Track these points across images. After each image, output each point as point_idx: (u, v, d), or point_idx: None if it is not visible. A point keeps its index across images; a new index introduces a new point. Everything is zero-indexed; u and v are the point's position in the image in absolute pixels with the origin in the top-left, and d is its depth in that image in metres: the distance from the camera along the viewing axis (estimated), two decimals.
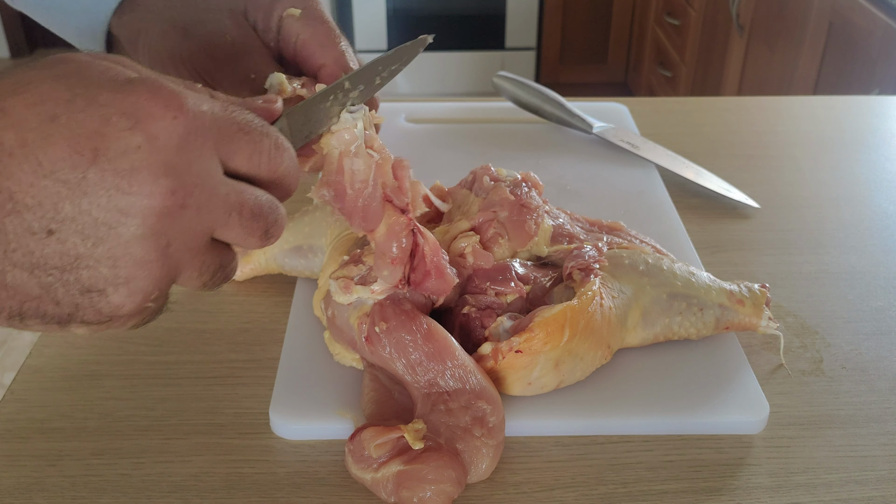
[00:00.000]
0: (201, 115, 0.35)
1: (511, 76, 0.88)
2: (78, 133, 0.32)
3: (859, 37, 1.50)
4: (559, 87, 1.12)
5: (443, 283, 0.51)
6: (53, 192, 0.32)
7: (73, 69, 0.33)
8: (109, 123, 0.32)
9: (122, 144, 0.32)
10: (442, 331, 0.50)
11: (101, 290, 0.34)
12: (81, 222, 0.32)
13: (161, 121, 0.33)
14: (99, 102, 0.32)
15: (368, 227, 0.48)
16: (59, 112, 0.32)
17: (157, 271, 0.35)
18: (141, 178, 0.33)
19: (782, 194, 0.78)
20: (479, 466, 0.47)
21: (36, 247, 0.32)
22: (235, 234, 0.38)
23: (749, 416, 0.52)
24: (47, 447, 0.50)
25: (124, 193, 0.33)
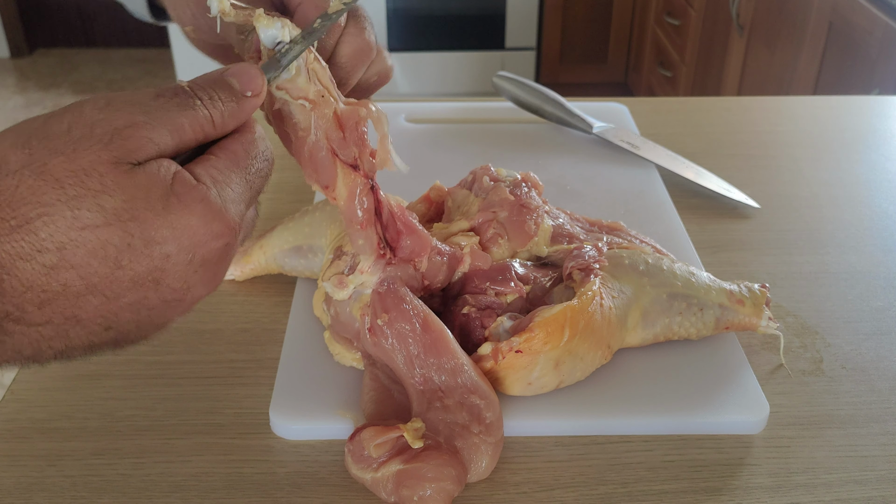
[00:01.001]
0: (238, 219, 0.38)
1: (511, 76, 0.88)
2: (142, 272, 0.35)
3: (859, 37, 1.50)
4: (559, 87, 1.12)
5: (418, 240, 0.51)
6: (116, 311, 0.36)
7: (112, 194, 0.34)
8: (169, 260, 0.36)
9: (180, 273, 0.36)
10: (438, 322, 0.50)
11: (142, 340, 0.39)
12: (137, 321, 0.37)
13: (214, 249, 0.37)
14: (155, 241, 0.35)
15: (322, 182, 0.47)
16: (121, 258, 0.34)
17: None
18: (193, 290, 0.38)
19: (782, 194, 0.78)
20: (478, 464, 0.47)
21: (94, 339, 0.37)
22: None
23: (749, 416, 0.52)
24: (47, 447, 0.50)
25: (178, 301, 0.38)
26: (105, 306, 0.35)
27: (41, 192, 0.33)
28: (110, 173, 0.34)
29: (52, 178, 0.33)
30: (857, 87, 1.51)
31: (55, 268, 0.33)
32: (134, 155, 0.35)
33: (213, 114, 0.38)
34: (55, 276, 0.33)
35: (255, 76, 0.40)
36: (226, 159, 0.38)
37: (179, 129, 0.37)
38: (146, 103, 0.36)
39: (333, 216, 0.60)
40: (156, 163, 0.35)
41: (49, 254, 0.33)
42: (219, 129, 0.38)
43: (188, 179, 0.36)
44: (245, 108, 0.39)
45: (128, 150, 0.35)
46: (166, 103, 0.37)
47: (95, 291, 0.34)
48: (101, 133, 0.35)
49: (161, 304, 0.37)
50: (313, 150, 0.46)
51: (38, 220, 0.33)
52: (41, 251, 0.33)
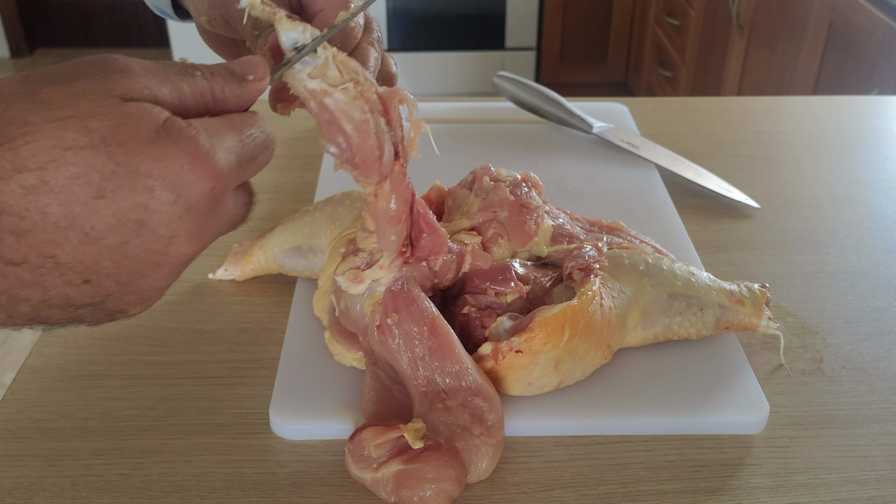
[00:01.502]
0: (228, 170, 0.37)
1: (511, 76, 0.88)
2: (124, 207, 0.34)
3: (859, 37, 1.50)
4: (559, 87, 1.12)
5: (437, 239, 0.51)
6: (96, 255, 0.34)
7: (102, 118, 0.33)
8: (154, 197, 0.34)
9: (164, 216, 0.35)
10: (445, 325, 0.50)
11: (122, 310, 0.37)
12: (118, 274, 0.35)
13: (200, 192, 0.36)
14: (142, 174, 0.34)
15: (375, 174, 0.46)
16: (105, 186, 0.33)
17: (171, 283, 0.39)
18: (178, 240, 0.36)
19: (782, 194, 0.78)
20: (479, 465, 0.47)
21: (72, 292, 0.35)
22: None
23: (749, 416, 0.52)
24: (48, 447, 0.50)
25: (160, 253, 0.36)
26: (84, 247, 0.34)
27: (28, 113, 0.32)
28: (102, 100, 0.33)
29: (41, 101, 0.33)
30: (857, 87, 1.51)
31: (34, 190, 0.32)
32: (128, 92, 0.34)
33: (214, 86, 0.38)
34: (34, 201, 0.32)
35: (258, 63, 0.40)
36: (222, 121, 0.38)
37: (178, 89, 0.37)
38: (147, 64, 0.37)
39: (333, 216, 0.60)
40: (149, 104, 0.35)
41: (29, 174, 0.32)
42: (218, 104, 0.38)
43: (179, 121, 0.35)
44: (247, 90, 0.39)
45: (123, 86, 0.34)
46: (166, 67, 0.37)
47: (75, 224, 0.33)
48: (98, 70, 0.35)
49: (143, 255, 0.35)
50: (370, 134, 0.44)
51: (21, 139, 0.32)
52: (20, 171, 0.32)
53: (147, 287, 0.37)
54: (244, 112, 0.40)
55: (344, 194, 0.62)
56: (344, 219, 0.60)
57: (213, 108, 0.38)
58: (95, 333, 0.59)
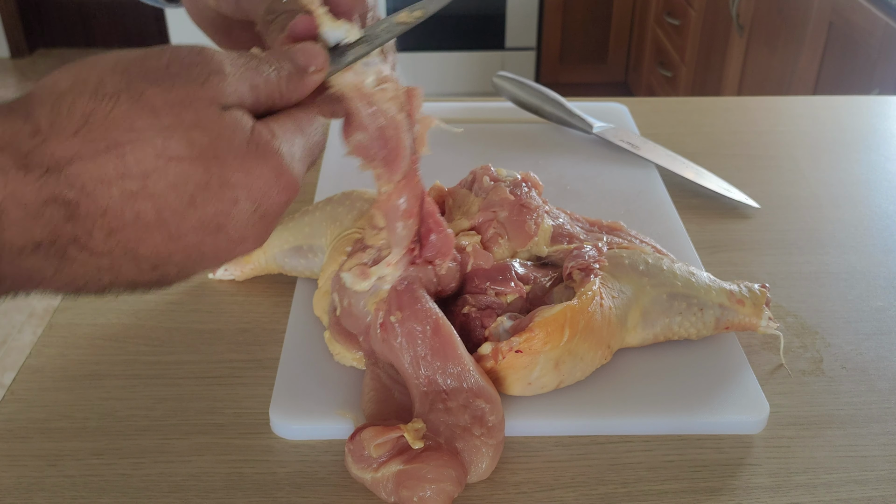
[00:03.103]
0: (301, 180, 0.39)
1: (511, 76, 0.88)
2: (210, 213, 0.36)
3: (859, 37, 1.50)
4: (559, 87, 1.12)
5: (444, 240, 0.52)
6: (172, 250, 0.36)
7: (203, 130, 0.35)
8: (237, 206, 0.36)
9: (242, 222, 0.37)
10: (448, 326, 0.50)
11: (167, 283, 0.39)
12: (184, 264, 0.37)
13: (277, 202, 0.38)
14: (230, 184, 0.36)
15: (407, 169, 0.48)
16: (197, 196, 0.35)
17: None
18: (246, 243, 0.38)
19: (782, 194, 0.78)
20: (479, 466, 0.47)
21: (139, 277, 0.37)
22: None
23: (749, 416, 0.52)
24: (47, 447, 0.50)
25: (227, 252, 0.38)
26: (165, 245, 0.35)
27: (135, 117, 0.33)
28: (204, 110, 0.35)
29: (147, 106, 0.34)
30: (857, 87, 1.51)
31: (135, 195, 0.33)
32: (223, 99, 0.36)
33: (281, 83, 0.39)
34: (132, 204, 0.33)
35: (319, 53, 0.41)
36: (292, 122, 0.39)
37: (256, 88, 0.38)
38: (232, 57, 0.37)
39: (333, 216, 0.60)
40: (238, 111, 0.36)
41: (132, 180, 0.33)
42: (284, 99, 0.39)
43: (265, 132, 0.37)
44: (307, 83, 0.40)
45: (219, 93, 0.35)
46: (247, 62, 0.38)
47: (163, 226, 0.35)
48: (198, 73, 0.35)
49: (212, 252, 0.37)
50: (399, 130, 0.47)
51: (129, 146, 0.33)
52: (125, 176, 0.33)
53: (200, 270, 0.38)
54: (307, 109, 0.41)
55: (344, 194, 0.62)
56: (344, 219, 0.60)
57: (279, 103, 0.39)
58: (96, 333, 0.59)
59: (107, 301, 0.62)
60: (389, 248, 0.51)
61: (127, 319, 0.60)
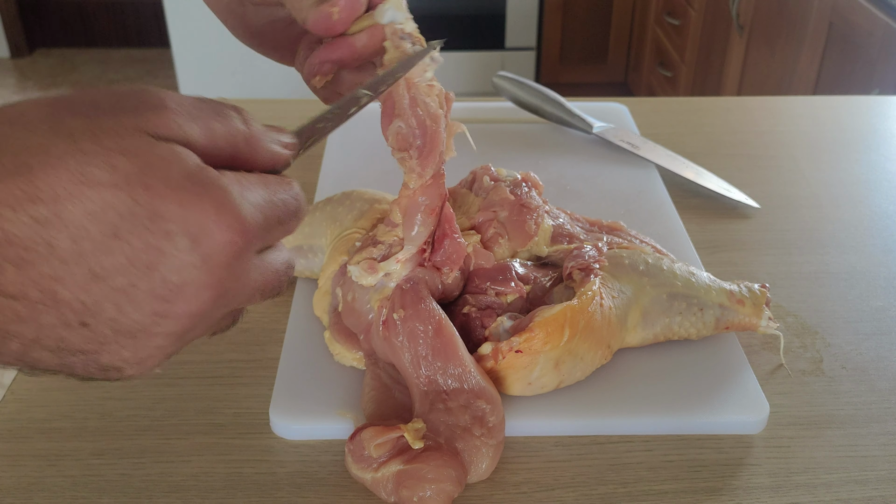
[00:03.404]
0: (254, 227, 0.35)
1: (511, 76, 0.88)
2: (138, 248, 0.32)
3: (859, 37, 1.50)
4: (559, 87, 1.12)
5: (456, 248, 0.52)
6: (99, 296, 0.32)
7: (129, 157, 0.32)
8: (171, 242, 0.32)
9: (178, 263, 0.33)
10: (450, 327, 0.50)
11: (118, 367, 0.35)
12: (118, 321, 0.33)
13: (220, 244, 0.33)
14: (163, 217, 0.32)
15: (438, 166, 0.49)
16: (121, 227, 0.31)
17: (173, 351, 0.36)
18: (188, 291, 0.33)
19: (782, 194, 0.78)
20: (479, 466, 0.47)
21: (66, 335, 0.32)
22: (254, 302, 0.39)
23: (749, 416, 0.52)
24: (47, 447, 0.50)
25: (167, 302, 0.33)
26: (88, 286, 0.31)
27: (52, 143, 0.31)
28: (131, 136, 0.32)
29: (66, 132, 0.31)
30: (857, 87, 1.51)
31: (45, 223, 0.30)
32: (160, 130, 0.33)
33: (250, 131, 0.36)
34: (43, 233, 0.30)
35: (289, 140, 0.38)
36: (255, 176, 0.36)
37: (210, 130, 0.35)
38: (184, 99, 0.35)
39: (333, 216, 0.60)
40: (180, 147, 0.33)
41: (42, 205, 0.30)
42: (252, 151, 0.36)
43: (210, 171, 0.33)
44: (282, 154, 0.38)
45: (155, 124, 0.33)
46: (202, 105, 0.35)
47: (82, 261, 0.31)
48: (130, 104, 0.33)
49: (148, 302, 0.33)
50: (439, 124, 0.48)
51: (40, 170, 0.30)
52: (34, 201, 0.30)
53: (146, 343, 0.34)
54: (281, 176, 0.38)
55: (344, 194, 0.62)
56: (344, 219, 0.60)
57: (244, 154, 0.36)
58: None
59: None
60: (401, 245, 0.51)
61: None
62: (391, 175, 0.70)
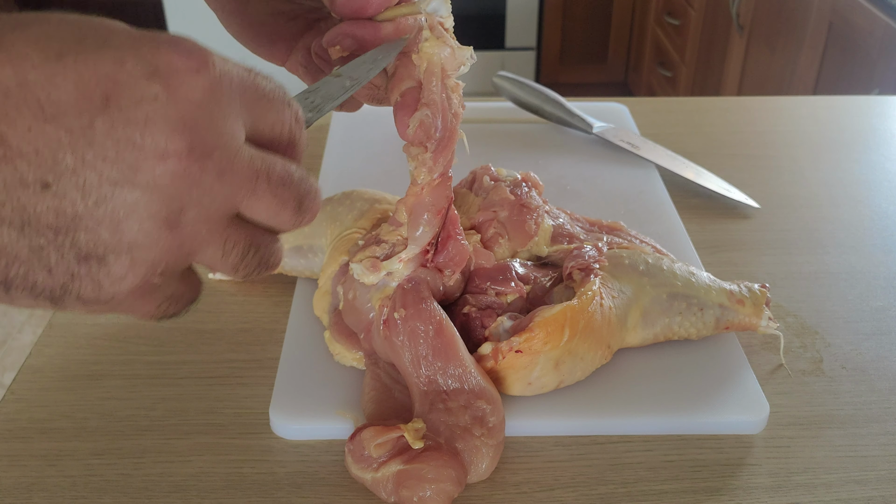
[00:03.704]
0: (227, 73, 0.32)
1: (511, 76, 0.88)
2: (87, 76, 0.28)
3: (859, 37, 1.50)
4: (559, 87, 1.12)
5: (460, 251, 0.52)
6: (54, 140, 0.28)
7: (81, 18, 0.29)
8: (124, 68, 0.29)
9: (137, 92, 0.29)
10: (451, 328, 0.50)
11: (100, 256, 0.30)
12: (83, 177, 0.29)
13: (183, 73, 0.30)
14: (112, 45, 0.29)
15: (449, 164, 0.49)
16: (66, 51, 0.28)
17: (167, 241, 0.31)
18: (155, 131, 0.29)
19: (782, 194, 0.78)
20: (479, 466, 0.47)
21: (29, 201, 0.28)
22: (265, 205, 0.34)
23: (749, 416, 0.52)
24: (47, 447, 0.50)
25: (135, 147, 0.29)
26: (40, 126, 0.28)
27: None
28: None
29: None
30: (857, 87, 1.51)
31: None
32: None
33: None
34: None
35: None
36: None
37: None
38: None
39: (333, 216, 0.60)
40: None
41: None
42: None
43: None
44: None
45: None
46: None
47: (28, 94, 0.27)
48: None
49: (111, 145, 0.29)
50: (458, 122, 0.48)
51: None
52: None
53: (127, 215, 0.30)
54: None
55: (344, 194, 0.62)
56: (344, 219, 0.60)
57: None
58: (96, 333, 0.59)
59: None
60: (404, 245, 0.51)
61: (127, 319, 0.60)
62: (391, 175, 0.70)
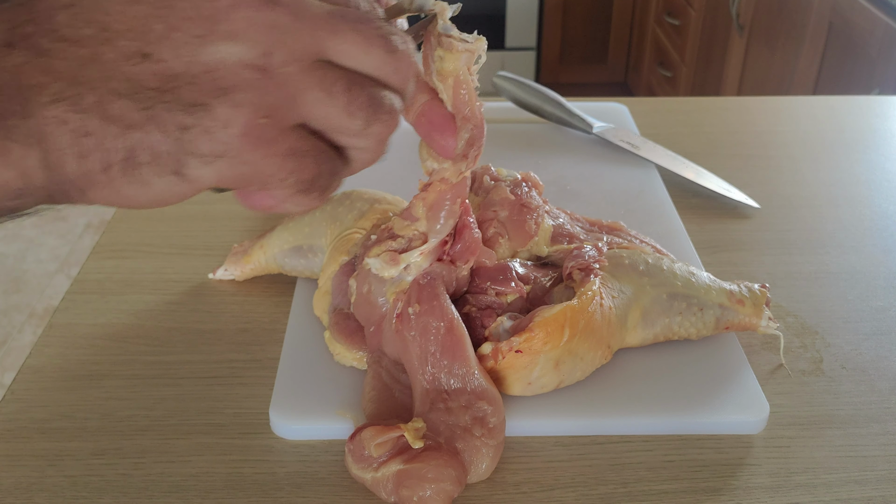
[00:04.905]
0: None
1: (511, 76, 0.88)
2: None
3: (859, 37, 1.50)
4: (559, 87, 1.12)
5: (473, 241, 0.52)
6: (143, 15, 0.31)
7: None
8: None
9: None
10: (462, 327, 0.50)
11: (203, 104, 0.32)
12: (174, 39, 0.32)
13: None
14: None
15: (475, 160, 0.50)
16: None
17: (261, 82, 0.33)
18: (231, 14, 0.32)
19: (782, 194, 0.78)
20: (479, 466, 0.47)
21: (133, 72, 0.31)
22: (351, 43, 0.35)
23: (749, 416, 0.52)
24: (47, 447, 0.50)
25: (209, 1, 0.32)
26: (130, 8, 0.31)
27: None
28: None
29: None
30: (857, 87, 1.51)
31: None
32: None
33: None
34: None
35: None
36: None
37: None
38: None
39: (333, 216, 0.60)
40: None
41: None
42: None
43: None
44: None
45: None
46: None
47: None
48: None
49: (193, 11, 0.32)
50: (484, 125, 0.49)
51: None
52: None
53: (217, 61, 0.32)
54: None
55: (344, 194, 0.62)
56: (344, 219, 0.60)
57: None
58: (96, 333, 0.59)
59: (107, 301, 0.62)
60: (421, 239, 0.51)
61: (127, 319, 0.60)
62: (391, 175, 0.70)
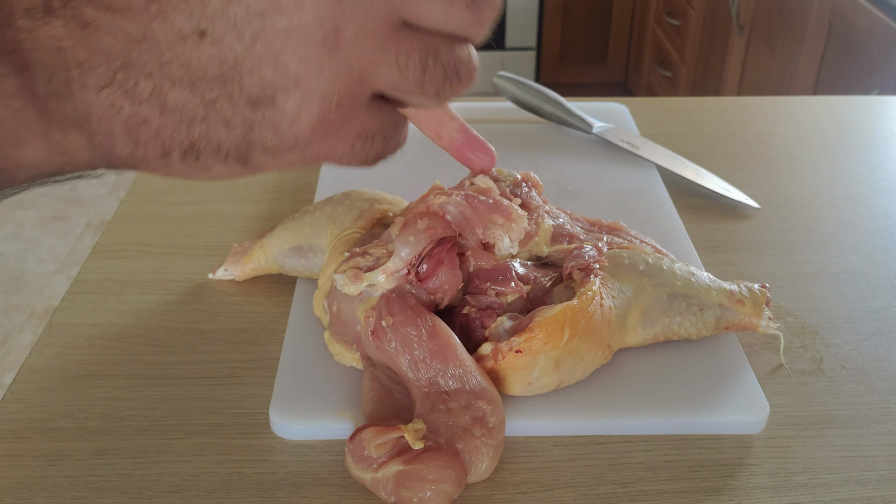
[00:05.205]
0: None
1: (511, 76, 0.88)
2: None
3: (859, 37, 1.50)
4: (559, 87, 1.12)
5: (451, 280, 0.52)
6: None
7: None
8: None
9: None
10: (446, 329, 0.50)
11: (270, 97, 0.30)
12: (232, 15, 0.28)
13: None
14: None
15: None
16: None
17: (332, 66, 0.30)
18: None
19: (782, 194, 0.78)
20: (479, 466, 0.47)
21: (191, 54, 0.28)
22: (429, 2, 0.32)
23: (749, 416, 0.52)
24: (47, 447, 0.50)
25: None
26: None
27: None
28: None
29: None
30: (857, 87, 1.51)
31: None
32: None
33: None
34: None
35: None
36: None
37: None
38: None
39: (333, 216, 0.60)
40: None
41: None
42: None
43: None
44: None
45: None
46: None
47: None
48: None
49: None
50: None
51: None
52: None
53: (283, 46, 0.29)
54: None
55: (344, 194, 0.62)
56: (344, 219, 0.60)
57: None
58: (96, 333, 0.59)
59: (107, 301, 0.62)
60: (387, 258, 0.51)
61: (127, 319, 0.60)
62: (391, 175, 0.70)
